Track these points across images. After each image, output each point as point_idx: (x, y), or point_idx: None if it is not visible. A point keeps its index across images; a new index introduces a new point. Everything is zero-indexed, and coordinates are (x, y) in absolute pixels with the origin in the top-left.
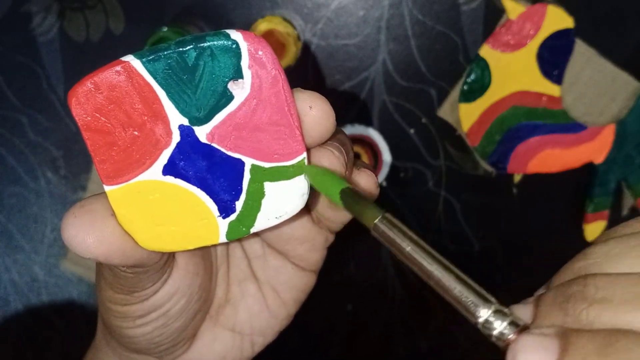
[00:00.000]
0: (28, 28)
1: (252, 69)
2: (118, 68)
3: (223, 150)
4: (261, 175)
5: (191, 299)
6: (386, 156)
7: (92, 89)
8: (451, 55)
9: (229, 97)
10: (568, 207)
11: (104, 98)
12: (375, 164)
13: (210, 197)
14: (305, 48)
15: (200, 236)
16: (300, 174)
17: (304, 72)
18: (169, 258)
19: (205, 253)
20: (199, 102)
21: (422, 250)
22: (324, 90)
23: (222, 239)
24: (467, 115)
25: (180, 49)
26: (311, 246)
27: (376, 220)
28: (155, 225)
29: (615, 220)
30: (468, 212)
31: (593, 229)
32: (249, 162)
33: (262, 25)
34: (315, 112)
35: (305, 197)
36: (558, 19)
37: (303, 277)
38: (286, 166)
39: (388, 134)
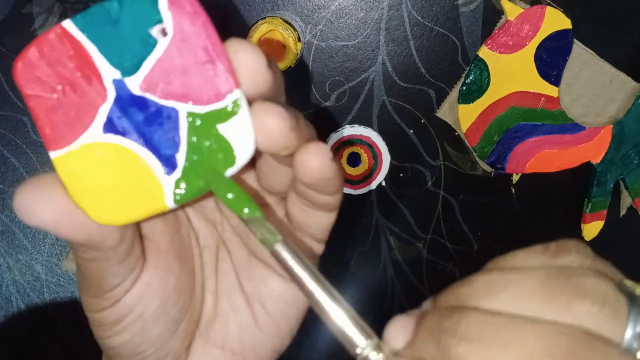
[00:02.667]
0: (30, 29)
1: (172, 11)
2: (52, 31)
3: (156, 99)
4: (198, 121)
5: (166, 301)
6: (385, 156)
7: (31, 55)
8: (450, 57)
9: (154, 43)
10: (566, 207)
11: (41, 62)
12: (374, 164)
13: (153, 153)
14: (306, 49)
15: (148, 202)
16: (234, 114)
17: (304, 74)
18: (133, 248)
19: (181, 253)
20: (127, 53)
21: (313, 277)
22: (324, 91)
23: (170, 202)
24: (465, 116)
25: (104, 3)
26: (305, 213)
27: (276, 244)
28: (102, 194)
29: (613, 220)
30: (467, 212)
31: (591, 229)
32: (183, 109)
33: (263, 27)
34: (241, 55)
35: (252, 138)
36: (556, 20)
37: (290, 290)
38: (222, 108)
39: (387, 134)
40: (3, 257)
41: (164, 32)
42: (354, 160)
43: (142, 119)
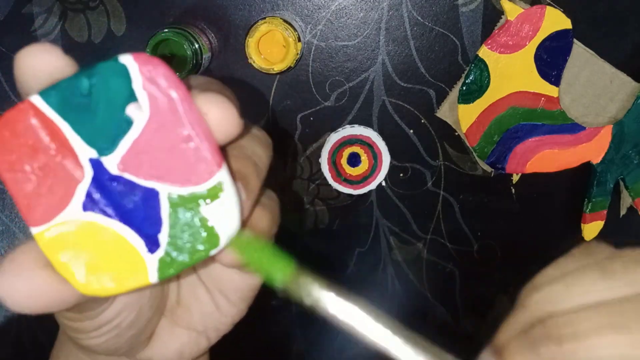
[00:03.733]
0: (30, 29)
1: (147, 90)
2: (21, 106)
3: (135, 180)
4: (179, 203)
5: (142, 310)
6: (385, 156)
7: (0, 130)
8: (450, 57)
9: (129, 122)
10: (566, 207)
11: (12, 137)
12: (375, 164)
13: (136, 232)
14: (306, 49)
15: (131, 277)
16: (217, 197)
17: (304, 74)
18: None
19: None
20: (102, 132)
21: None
22: (324, 91)
23: (153, 278)
24: (465, 116)
25: (73, 78)
26: (233, 286)
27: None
28: (87, 268)
29: (613, 220)
30: (467, 211)
31: (591, 229)
32: (164, 190)
33: (263, 27)
34: (212, 117)
35: (236, 220)
36: (556, 21)
37: (247, 279)
38: (204, 191)
39: (387, 134)
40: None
41: (140, 110)
42: (354, 160)
43: (122, 199)
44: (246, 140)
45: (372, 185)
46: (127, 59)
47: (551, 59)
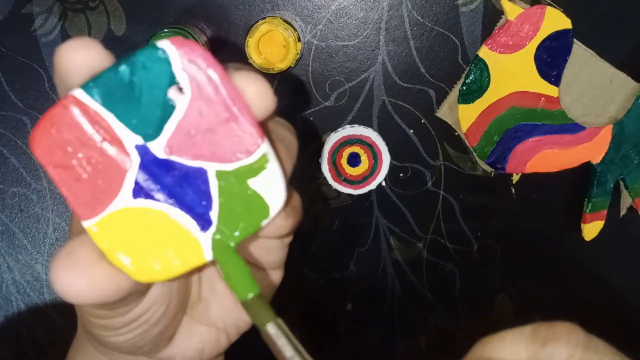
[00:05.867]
0: (30, 29)
1: (187, 71)
2: (64, 101)
3: (182, 161)
4: (228, 179)
5: (170, 304)
6: (385, 156)
7: (46, 127)
8: (450, 56)
9: (172, 105)
10: (566, 207)
11: (58, 133)
12: (375, 164)
13: (187, 212)
14: (306, 49)
15: (187, 258)
16: (264, 168)
17: (304, 74)
18: None
19: None
20: (146, 118)
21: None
22: (324, 91)
23: (208, 256)
24: (465, 116)
25: (113, 68)
26: (266, 250)
27: (268, 325)
28: (142, 255)
29: (613, 220)
30: (467, 211)
31: (591, 229)
32: (211, 168)
33: (263, 27)
34: (249, 93)
35: (283, 189)
36: (556, 20)
37: (265, 276)
38: (250, 164)
39: (387, 134)
40: (3, 257)
41: (181, 92)
42: (354, 160)
43: (171, 181)
44: (276, 125)
45: (372, 185)
46: (165, 44)
47: (551, 59)
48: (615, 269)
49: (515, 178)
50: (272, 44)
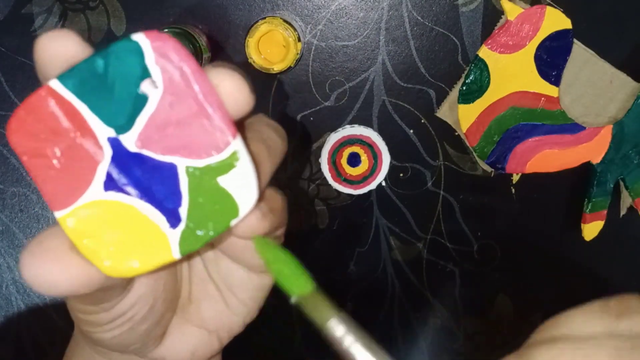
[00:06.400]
0: (30, 29)
1: (160, 65)
2: (40, 91)
3: (153, 155)
4: (198, 175)
5: (155, 302)
6: (385, 156)
7: (22, 116)
8: (450, 57)
9: (145, 98)
10: (566, 207)
11: (33, 123)
12: (375, 164)
13: (157, 208)
14: (306, 49)
15: (155, 254)
16: (234, 166)
17: (304, 74)
18: None
19: None
20: (118, 110)
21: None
22: (324, 91)
23: (176, 253)
24: (465, 116)
25: (88, 60)
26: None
27: (330, 321)
28: (111, 249)
29: (613, 220)
30: (467, 211)
31: (591, 229)
32: (181, 163)
33: (263, 27)
34: (224, 88)
35: (254, 189)
36: (556, 20)
37: (256, 279)
38: (221, 161)
39: (387, 134)
40: (3, 257)
41: (154, 85)
42: (354, 160)
43: (142, 175)
44: (262, 126)
45: (372, 185)
46: (139, 37)
47: (551, 59)
48: (615, 269)
49: (515, 178)
50: (272, 44)
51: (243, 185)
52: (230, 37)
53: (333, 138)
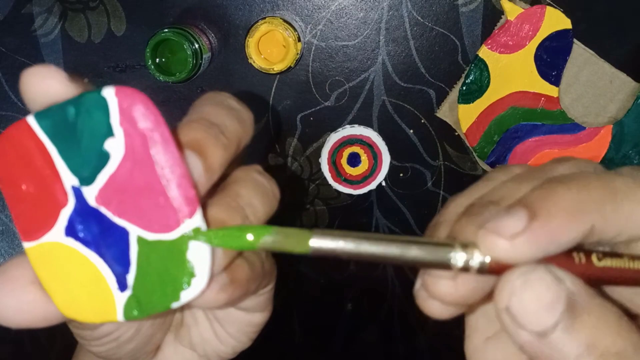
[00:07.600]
0: (30, 29)
1: (123, 127)
2: (18, 124)
3: (109, 215)
4: (148, 248)
5: (141, 326)
6: (385, 156)
7: (2, 143)
8: (450, 57)
9: (107, 157)
10: None
11: (10, 153)
12: (375, 164)
13: (108, 266)
14: (306, 49)
15: (102, 311)
16: (186, 248)
17: (304, 74)
18: None
19: None
20: (84, 161)
21: (367, 240)
22: (324, 91)
23: (120, 316)
24: (465, 116)
25: (62, 105)
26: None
27: (311, 239)
28: (66, 292)
29: None
30: None
31: None
32: (134, 231)
33: (263, 27)
34: (192, 169)
35: (206, 273)
36: (556, 21)
37: (246, 316)
38: (169, 240)
39: (387, 134)
40: (3, 257)
41: (116, 146)
42: (354, 160)
43: (98, 232)
44: (243, 188)
45: (372, 185)
46: (108, 92)
47: (551, 59)
48: None
49: None
50: (272, 44)
51: (195, 266)
52: (230, 37)
53: (333, 138)
